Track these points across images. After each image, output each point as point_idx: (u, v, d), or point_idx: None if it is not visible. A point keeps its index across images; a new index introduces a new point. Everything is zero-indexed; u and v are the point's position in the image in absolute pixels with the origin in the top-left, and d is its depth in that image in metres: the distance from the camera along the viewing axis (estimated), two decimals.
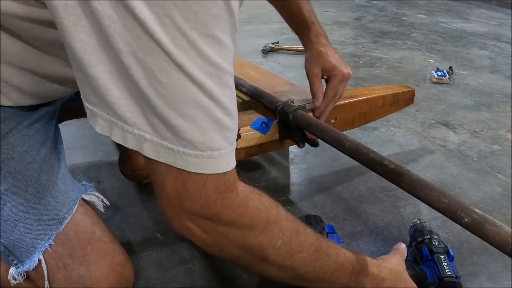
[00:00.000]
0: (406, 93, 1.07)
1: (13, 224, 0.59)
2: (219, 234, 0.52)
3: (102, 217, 0.68)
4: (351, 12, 3.09)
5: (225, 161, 0.48)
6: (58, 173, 0.64)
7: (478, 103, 1.53)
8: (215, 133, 0.46)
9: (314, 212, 0.94)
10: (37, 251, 0.60)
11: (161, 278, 0.78)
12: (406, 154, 1.19)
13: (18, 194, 0.60)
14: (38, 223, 0.60)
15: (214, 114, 0.45)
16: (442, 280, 0.67)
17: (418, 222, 0.80)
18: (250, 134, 0.84)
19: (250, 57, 2.02)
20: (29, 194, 0.60)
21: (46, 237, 0.60)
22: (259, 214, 0.53)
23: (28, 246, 0.60)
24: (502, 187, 1.04)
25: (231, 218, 0.51)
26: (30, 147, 0.62)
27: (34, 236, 0.60)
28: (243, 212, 0.51)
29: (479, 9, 3.21)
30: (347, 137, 0.72)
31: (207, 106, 0.44)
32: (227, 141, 0.47)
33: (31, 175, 0.61)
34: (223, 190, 0.49)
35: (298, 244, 0.55)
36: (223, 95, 0.45)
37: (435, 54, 2.10)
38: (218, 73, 0.44)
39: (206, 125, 0.45)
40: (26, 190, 0.60)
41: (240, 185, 0.52)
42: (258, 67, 1.31)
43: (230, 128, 0.47)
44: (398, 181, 0.61)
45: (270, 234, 0.53)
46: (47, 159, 0.64)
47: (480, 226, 0.50)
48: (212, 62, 0.43)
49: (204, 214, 0.50)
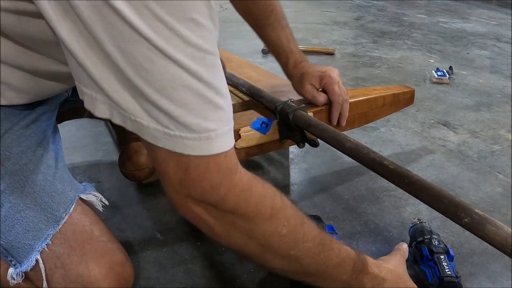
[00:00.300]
0: (406, 93, 1.07)
1: (11, 224, 0.60)
2: (225, 220, 0.52)
3: (102, 217, 0.68)
4: (351, 12, 3.09)
5: (223, 141, 0.48)
6: (55, 173, 0.64)
7: (478, 103, 1.53)
8: (209, 114, 0.46)
9: (314, 212, 0.94)
10: (35, 251, 0.60)
11: (161, 278, 0.78)
12: (406, 154, 1.19)
13: (14, 194, 0.60)
14: (35, 223, 0.60)
15: (204, 95, 0.45)
16: (442, 280, 0.67)
17: (418, 222, 0.80)
18: (250, 134, 0.84)
19: (250, 57, 2.01)
20: (26, 194, 0.61)
21: (43, 237, 0.60)
22: (264, 200, 0.53)
23: (25, 246, 0.60)
24: (502, 187, 1.04)
25: (236, 204, 0.51)
26: (26, 147, 0.62)
27: (32, 236, 0.60)
28: (247, 197, 0.51)
29: (479, 9, 3.21)
30: (347, 137, 0.72)
31: (196, 88, 0.44)
32: (222, 121, 0.47)
33: (27, 176, 0.61)
34: (226, 173, 0.49)
35: (303, 234, 0.55)
36: (211, 76, 0.45)
37: (435, 54, 2.10)
38: (202, 54, 0.44)
39: (198, 107, 0.45)
40: (22, 190, 0.60)
41: (243, 170, 0.52)
42: (258, 67, 1.31)
43: (223, 107, 0.47)
44: (398, 182, 0.61)
45: (276, 222, 0.53)
46: (44, 159, 0.64)
47: (480, 226, 0.50)
48: (194, 44, 0.43)
49: (209, 200, 0.50)
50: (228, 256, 0.82)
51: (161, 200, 0.99)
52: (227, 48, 2.19)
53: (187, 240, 0.87)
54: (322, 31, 2.56)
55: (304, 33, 2.48)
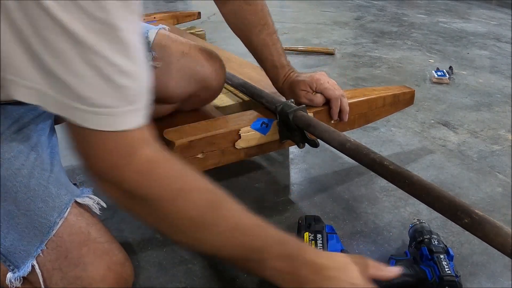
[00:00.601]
0: (406, 94, 1.07)
1: (6, 231, 0.60)
2: (127, 200, 0.53)
3: (102, 217, 0.68)
4: (351, 12, 3.09)
5: (121, 119, 0.48)
6: (49, 177, 0.64)
7: (478, 103, 1.53)
8: (107, 90, 0.46)
9: (314, 212, 0.94)
10: (30, 256, 0.60)
11: (161, 278, 0.78)
12: (406, 154, 1.19)
13: (8, 200, 0.60)
14: (29, 229, 0.60)
15: (102, 71, 0.45)
16: (442, 279, 0.67)
17: (417, 223, 0.80)
18: (250, 135, 0.84)
19: (250, 57, 2.01)
20: (19, 200, 0.60)
21: (38, 243, 0.60)
22: (167, 182, 0.52)
23: (21, 252, 0.61)
24: (502, 187, 1.04)
25: (133, 186, 0.51)
26: (18, 152, 0.62)
27: (26, 242, 0.60)
28: (145, 180, 0.51)
29: (479, 9, 3.21)
30: (347, 137, 0.72)
31: (94, 63, 0.44)
32: (125, 100, 0.48)
33: (20, 181, 0.61)
34: (124, 154, 0.50)
35: (216, 217, 0.54)
36: (113, 52, 0.45)
37: (435, 54, 2.10)
38: (106, 29, 0.44)
39: (95, 81, 0.45)
40: (16, 196, 0.60)
41: (147, 150, 0.51)
42: (258, 67, 1.31)
43: (127, 86, 0.47)
44: (398, 182, 0.61)
45: (181, 204, 0.52)
46: (38, 163, 0.64)
47: (480, 226, 0.50)
48: (97, 18, 0.43)
49: (109, 178, 0.51)
50: None
51: None
52: (227, 48, 2.18)
53: None
54: (322, 31, 2.56)
55: (304, 33, 2.48)
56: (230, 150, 0.84)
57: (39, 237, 0.60)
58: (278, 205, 0.97)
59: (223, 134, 0.82)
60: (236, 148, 0.84)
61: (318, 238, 0.73)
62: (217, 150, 0.82)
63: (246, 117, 0.88)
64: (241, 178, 1.08)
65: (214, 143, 0.82)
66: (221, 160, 0.84)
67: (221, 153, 0.83)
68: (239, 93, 1.16)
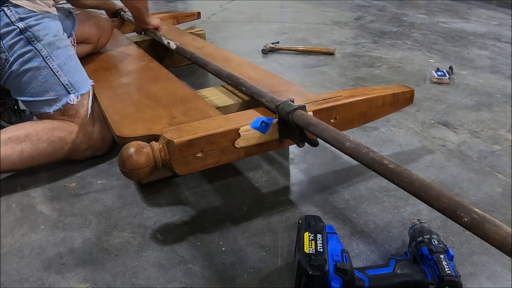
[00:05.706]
0: (405, 93, 1.07)
1: (75, 71, 1.11)
2: None
3: (101, 217, 0.68)
4: (351, 12, 3.10)
5: None
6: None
7: (478, 103, 1.53)
8: None
9: (314, 212, 0.94)
10: (87, 85, 1.13)
11: (161, 278, 0.78)
12: (406, 154, 1.19)
13: (75, 57, 1.15)
14: (84, 74, 1.16)
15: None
16: (442, 279, 0.67)
17: (417, 223, 0.80)
18: (249, 134, 0.84)
19: (250, 57, 2.02)
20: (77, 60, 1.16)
21: (89, 80, 1.16)
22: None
23: (83, 81, 1.13)
24: (502, 187, 1.04)
25: None
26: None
27: (85, 79, 1.14)
28: None
29: (479, 9, 3.21)
30: (347, 137, 0.72)
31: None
32: None
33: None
34: None
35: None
36: None
37: (435, 54, 2.10)
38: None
39: None
40: (76, 56, 1.16)
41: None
42: (258, 67, 1.31)
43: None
44: (397, 181, 0.61)
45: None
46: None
47: (480, 225, 0.50)
48: None
49: None
50: (228, 256, 0.82)
51: (161, 200, 0.99)
52: (227, 48, 2.19)
53: (187, 240, 0.87)
54: (322, 31, 2.56)
55: (304, 33, 2.49)
56: (230, 149, 0.84)
57: (88, 79, 1.16)
58: (278, 205, 0.97)
59: (223, 133, 0.82)
60: (236, 147, 0.84)
61: (318, 238, 0.72)
62: (217, 149, 0.83)
63: (245, 116, 0.88)
64: (241, 178, 1.08)
65: (214, 142, 0.82)
66: (221, 159, 0.84)
67: (221, 152, 0.83)
68: (239, 92, 1.16)
